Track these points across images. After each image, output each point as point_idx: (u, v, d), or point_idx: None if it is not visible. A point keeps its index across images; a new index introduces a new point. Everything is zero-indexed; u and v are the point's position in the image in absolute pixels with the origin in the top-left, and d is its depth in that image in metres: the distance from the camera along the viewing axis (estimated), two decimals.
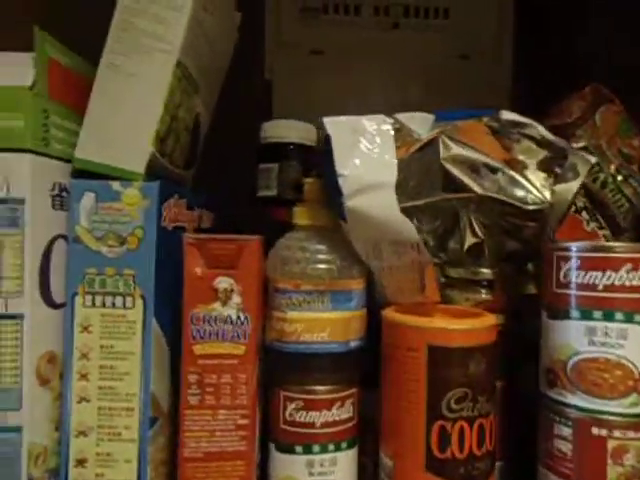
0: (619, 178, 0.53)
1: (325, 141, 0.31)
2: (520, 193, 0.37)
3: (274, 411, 0.33)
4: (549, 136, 0.34)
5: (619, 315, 0.28)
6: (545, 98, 0.85)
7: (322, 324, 0.33)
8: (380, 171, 0.30)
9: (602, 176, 0.53)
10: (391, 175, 0.31)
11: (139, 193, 0.30)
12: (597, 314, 0.28)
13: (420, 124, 0.34)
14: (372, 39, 0.85)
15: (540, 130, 0.34)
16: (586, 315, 0.29)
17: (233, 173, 0.60)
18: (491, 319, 0.31)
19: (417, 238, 0.32)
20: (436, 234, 0.40)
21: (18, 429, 0.28)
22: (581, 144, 0.53)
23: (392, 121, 0.33)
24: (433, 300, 0.36)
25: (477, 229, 0.42)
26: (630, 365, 0.28)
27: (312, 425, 0.32)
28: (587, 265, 0.29)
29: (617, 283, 0.28)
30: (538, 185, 0.37)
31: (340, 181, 0.30)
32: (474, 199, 0.38)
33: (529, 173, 0.37)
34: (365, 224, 0.31)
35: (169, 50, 0.32)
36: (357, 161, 0.30)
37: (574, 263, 0.29)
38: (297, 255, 0.33)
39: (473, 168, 0.37)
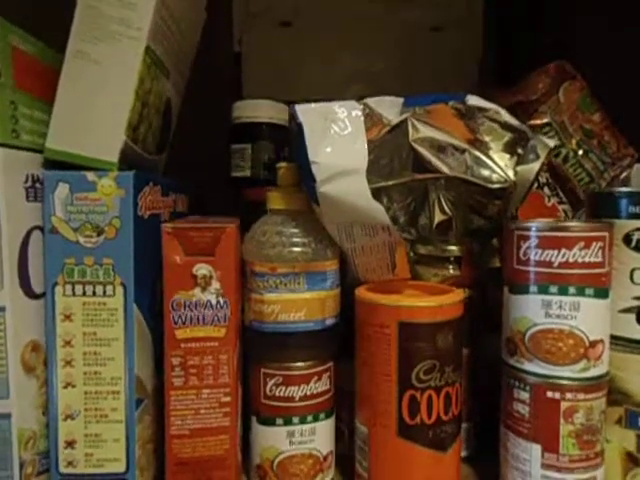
0: (580, 153, 0.55)
1: (297, 128, 0.32)
2: (485, 172, 0.39)
3: (255, 386, 0.35)
4: (512, 120, 0.36)
5: (572, 289, 0.30)
6: (515, 67, 0.86)
7: (298, 304, 0.34)
8: (351, 157, 0.31)
9: (564, 151, 0.55)
10: (362, 161, 0.32)
11: (114, 183, 0.30)
12: (553, 289, 0.31)
13: (389, 108, 0.35)
14: (342, 10, 0.84)
15: (503, 115, 0.36)
16: (543, 290, 0.31)
17: (202, 150, 0.60)
18: (457, 295, 0.33)
19: (388, 221, 0.33)
20: (406, 211, 0.41)
21: (7, 416, 0.29)
22: (544, 120, 0.55)
23: (362, 107, 0.33)
24: (403, 277, 0.38)
25: (445, 206, 0.44)
26: (581, 334, 0.30)
27: (291, 399, 0.34)
28: (544, 244, 0.31)
29: (571, 260, 0.30)
30: (502, 165, 0.39)
31: (313, 168, 0.31)
32: (442, 179, 0.39)
33: (493, 153, 0.39)
34: (337, 208, 0.32)
35: (137, 36, 0.31)
36: (329, 148, 0.31)
37: (532, 242, 0.31)
38: (273, 239, 0.34)
39: (440, 149, 0.38)
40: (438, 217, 0.45)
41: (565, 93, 0.55)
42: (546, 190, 0.50)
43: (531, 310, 0.31)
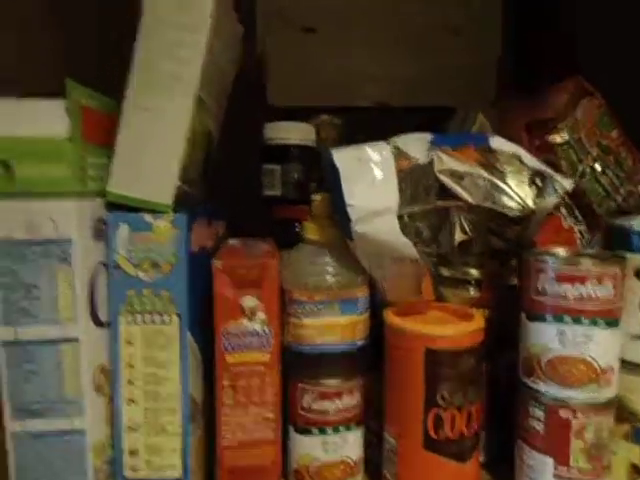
0: (597, 169, 0.57)
1: (333, 170, 0.34)
2: (504, 200, 0.42)
3: (292, 399, 0.38)
4: (532, 163, 0.38)
5: (585, 320, 0.33)
6: (532, 66, 0.87)
7: (333, 328, 0.37)
8: (383, 198, 0.34)
9: (581, 167, 0.57)
10: (393, 201, 0.34)
11: (170, 224, 0.34)
12: (567, 319, 0.34)
13: (416, 146, 0.37)
14: (364, 13, 0.86)
15: (524, 157, 0.38)
16: (558, 320, 0.34)
17: (229, 165, 0.63)
18: (478, 322, 0.36)
19: (416, 255, 0.36)
20: (429, 231, 0.44)
21: (83, 432, 0.33)
22: (562, 137, 0.57)
23: (391, 147, 0.36)
24: (428, 299, 0.41)
25: (466, 227, 0.47)
26: (593, 361, 0.33)
27: (326, 412, 0.38)
28: (560, 278, 0.34)
29: (584, 294, 0.33)
30: (521, 194, 0.42)
31: (348, 209, 0.34)
32: (465, 206, 0.42)
33: (512, 182, 0.42)
34: (370, 245, 0.35)
35: (188, 89, 0.34)
36: (363, 190, 0.34)
37: (549, 275, 0.34)
38: (309, 269, 0.37)
39: (462, 177, 0.41)
40: (459, 237, 0.48)
41: (583, 110, 0.57)
42: (563, 211, 0.53)
43: (547, 337, 0.34)
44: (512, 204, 0.42)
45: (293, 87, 0.85)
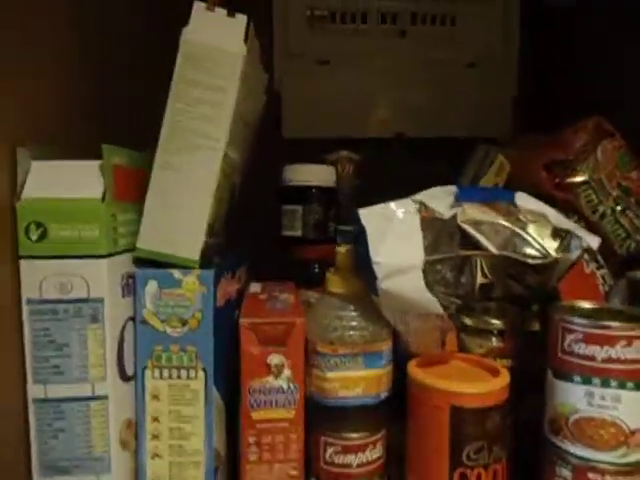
0: (617, 210, 0.57)
1: (359, 228, 0.35)
2: (527, 250, 0.42)
3: (315, 452, 0.38)
4: (558, 221, 0.38)
5: (614, 383, 0.33)
6: (549, 103, 0.88)
7: (357, 382, 0.37)
8: (409, 256, 0.34)
9: (601, 209, 0.57)
10: (419, 258, 0.35)
11: (197, 280, 0.34)
12: (595, 381, 0.33)
13: (441, 200, 0.38)
14: (379, 47, 0.87)
15: (549, 215, 0.38)
16: (586, 381, 0.34)
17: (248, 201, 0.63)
18: (504, 379, 0.36)
19: (441, 311, 0.36)
20: (451, 274, 0.44)
21: None
22: (583, 178, 0.57)
23: (417, 205, 0.36)
24: (452, 350, 0.41)
25: (487, 272, 0.46)
26: (622, 424, 0.33)
27: (349, 466, 0.38)
28: (588, 339, 0.33)
29: (613, 356, 0.33)
30: (544, 244, 0.42)
31: (374, 267, 0.34)
32: (486, 253, 0.42)
33: (536, 233, 0.42)
34: (395, 301, 0.35)
35: (216, 147, 0.35)
36: (389, 248, 0.34)
37: (577, 336, 0.34)
38: (334, 323, 0.37)
39: (484, 225, 0.41)
40: (480, 280, 0.48)
41: (603, 151, 0.57)
42: (585, 255, 0.52)
43: (575, 398, 0.34)
44: (534, 253, 0.42)
45: (308, 119, 0.86)
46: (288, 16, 0.85)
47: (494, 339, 0.43)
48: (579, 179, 0.56)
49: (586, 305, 0.39)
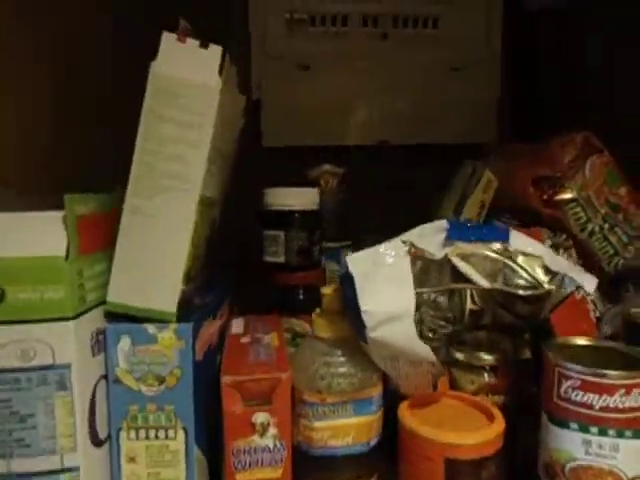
0: (605, 227, 0.56)
1: (347, 276, 0.33)
2: (518, 281, 0.40)
3: None
4: (555, 265, 0.36)
5: (612, 432, 0.32)
6: (536, 108, 0.86)
7: (346, 430, 0.36)
8: (399, 303, 0.32)
9: (590, 226, 0.56)
10: (409, 305, 0.33)
11: (174, 335, 0.32)
12: (593, 429, 0.32)
13: (430, 239, 0.36)
14: (360, 51, 0.84)
15: (544, 258, 0.37)
16: (583, 429, 0.32)
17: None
18: (499, 427, 0.35)
19: (433, 359, 0.34)
20: (439, 306, 0.43)
21: None
22: (571, 196, 0.56)
23: (406, 247, 0.34)
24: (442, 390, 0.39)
25: (477, 300, 0.45)
26: (620, 473, 0.32)
27: None
28: (586, 388, 0.32)
29: (611, 405, 0.32)
30: (536, 277, 0.40)
31: (363, 316, 0.32)
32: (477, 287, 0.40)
33: (527, 265, 0.40)
34: (386, 349, 0.33)
35: (191, 189, 0.32)
36: (378, 295, 0.32)
37: (574, 383, 0.33)
38: (321, 370, 0.35)
39: (475, 259, 0.40)
40: (470, 306, 0.47)
41: (591, 168, 0.56)
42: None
43: (571, 445, 0.33)
44: (525, 284, 0.40)
45: (288, 127, 0.83)
46: (267, 19, 0.82)
47: (486, 375, 0.41)
48: (567, 196, 0.55)
49: (581, 342, 0.38)
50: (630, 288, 0.58)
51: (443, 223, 0.37)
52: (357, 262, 0.33)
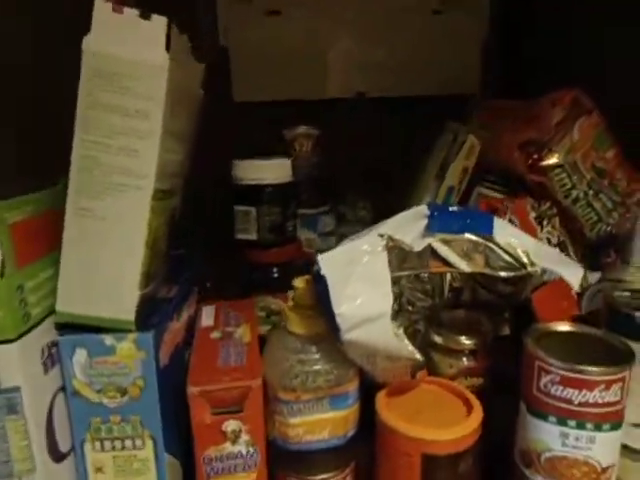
0: (590, 193, 0.54)
1: (319, 277, 0.30)
2: (499, 263, 0.39)
3: None
4: (540, 260, 0.34)
5: (590, 425, 0.31)
6: (519, 51, 0.81)
7: (322, 425, 0.35)
8: (376, 303, 0.30)
9: (574, 193, 0.54)
10: (387, 304, 0.31)
11: (134, 345, 0.29)
12: (571, 423, 0.32)
13: (409, 229, 0.33)
14: None
15: (532, 252, 0.34)
16: (561, 422, 0.32)
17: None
18: (476, 419, 0.34)
19: (414, 355, 0.33)
20: (419, 283, 0.42)
21: None
22: (557, 161, 0.53)
23: (384, 241, 0.32)
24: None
25: (457, 277, 0.44)
26: (595, 463, 0.32)
27: None
28: (565, 383, 0.31)
29: (590, 401, 0.31)
30: (518, 257, 0.38)
31: (337, 319, 0.30)
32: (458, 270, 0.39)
33: (508, 246, 0.38)
34: (362, 349, 0.32)
35: (143, 185, 0.29)
36: (353, 296, 0.30)
37: (554, 378, 0.32)
38: (295, 369, 0.34)
39: (455, 243, 0.38)
40: (450, 283, 0.45)
41: (580, 130, 0.53)
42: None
43: (549, 437, 0.33)
44: (506, 266, 0.39)
45: (260, 80, 0.76)
46: None
47: (465, 359, 0.40)
48: (553, 161, 0.53)
49: (562, 329, 0.37)
50: (611, 254, 0.58)
51: (423, 209, 0.34)
52: (330, 262, 0.30)
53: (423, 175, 0.58)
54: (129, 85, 0.27)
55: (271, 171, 0.47)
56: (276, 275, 0.50)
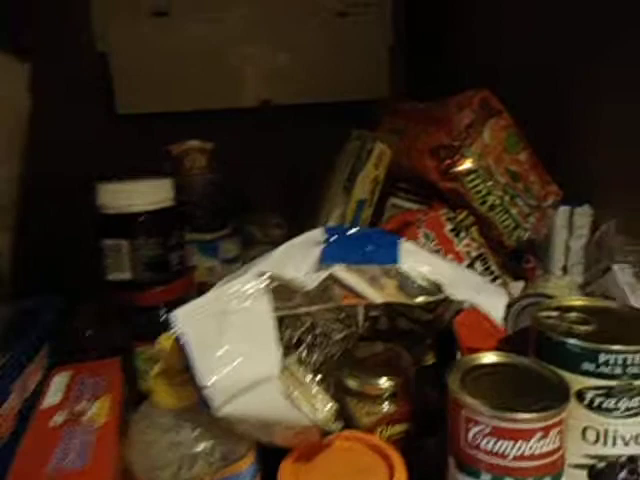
0: (506, 199, 0.51)
1: (180, 340, 0.23)
2: (414, 288, 0.33)
3: None
4: (451, 290, 0.29)
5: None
6: (428, 58, 0.79)
7: None
8: (257, 365, 0.23)
9: (490, 199, 0.50)
10: (272, 365, 0.24)
11: None
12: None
13: (298, 262, 0.26)
14: None
15: (444, 284, 0.29)
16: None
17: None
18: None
19: (316, 421, 0.26)
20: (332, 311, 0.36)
21: None
22: (470, 166, 0.49)
23: (265, 282, 0.25)
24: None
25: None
26: None
27: None
28: (498, 434, 0.26)
29: (527, 453, 0.26)
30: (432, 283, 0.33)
31: (205, 393, 0.22)
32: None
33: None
34: (246, 423, 0.24)
35: None
36: (226, 360, 0.23)
37: (484, 429, 0.26)
38: (168, 456, 0.26)
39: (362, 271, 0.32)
40: (364, 315, 0.40)
41: (491, 132, 0.49)
42: (478, 265, 0.46)
43: None
44: (420, 291, 0.33)
45: (145, 89, 0.67)
46: None
47: (385, 404, 0.34)
48: (467, 167, 0.49)
49: (488, 360, 0.31)
50: (531, 260, 0.55)
51: (316, 235, 0.28)
52: (191, 317, 0.23)
53: (331, 188, 0.52)
54: None
55: (144, 195, 0.39)
56: (163, 319, 0.41)
